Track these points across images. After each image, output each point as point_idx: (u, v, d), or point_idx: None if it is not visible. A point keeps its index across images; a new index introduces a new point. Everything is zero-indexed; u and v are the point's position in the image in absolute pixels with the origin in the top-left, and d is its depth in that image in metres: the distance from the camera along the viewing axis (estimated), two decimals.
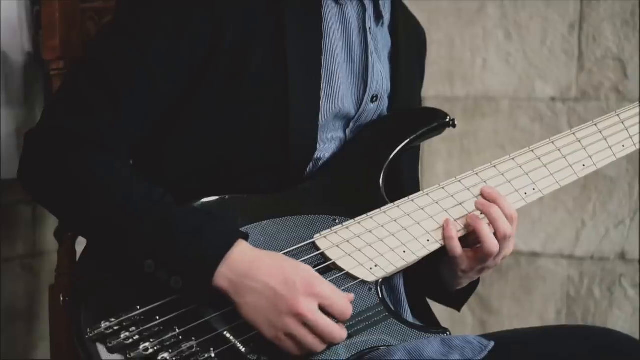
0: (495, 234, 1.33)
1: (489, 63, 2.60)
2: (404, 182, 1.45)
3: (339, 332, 1.22)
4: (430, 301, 1.57)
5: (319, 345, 1.22)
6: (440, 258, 1.41)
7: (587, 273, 2.53)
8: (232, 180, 1.33)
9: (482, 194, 1.36)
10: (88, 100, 1.27)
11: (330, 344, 1.22)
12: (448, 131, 2.63)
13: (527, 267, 2.59)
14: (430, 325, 1.47)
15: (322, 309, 1.21)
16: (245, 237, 1.24)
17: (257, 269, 1.20)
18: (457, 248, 1.34)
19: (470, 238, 1.35)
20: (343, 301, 1.22)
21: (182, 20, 1.28)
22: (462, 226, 1.36)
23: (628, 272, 2.48)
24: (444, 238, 1.33)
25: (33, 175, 1.29)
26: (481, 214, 1.35)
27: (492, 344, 1.23)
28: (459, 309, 1.52)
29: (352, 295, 1.25)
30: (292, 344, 1.21)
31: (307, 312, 1.19)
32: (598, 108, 2.48)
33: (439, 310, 1.61)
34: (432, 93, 2.68)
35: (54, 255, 1.62)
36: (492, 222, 1.33)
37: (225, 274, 1.19)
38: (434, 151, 2.68)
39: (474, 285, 1.48)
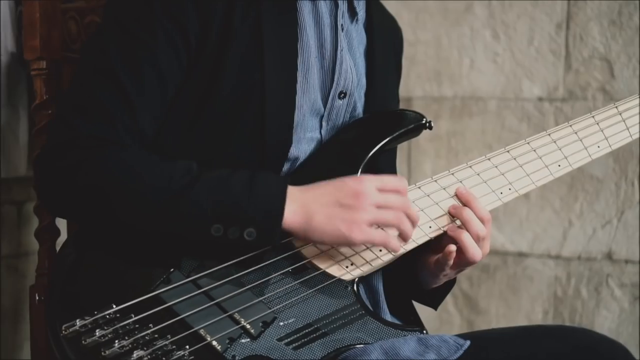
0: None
1: (476, 63, 2.61)
2: None
3: (406, 198, 1.29)
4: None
5: (402, 218, 1.27)
6: (418, 257, 1.42)
7: (574, 273, 2.53)
8: None
9: (456, 195, 1.36)
10: (106, 106, 1.28)
11: (409, 216, 1.28)
12: (436, 131, 2.68)
13: (515, 267, 2.59)
14: (413, 324, 1.47)
15: (381, 190, 1.28)
16: None
17: (310, 192, 1.27)
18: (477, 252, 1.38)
19: (445, 242, 1.36)
20: (392, 177, 1.31)
21: (177, 16, 1.29)
22: (438, 226, 1.37)
23: (615, 272, 2.48)
24: (448, 252, 1.35)
25: (68, 189, 1.27)
26: (454, 217, 1.35)
27: (468, 343, 1.23)
28: (435, 307, 1.52)
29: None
30: (382, 233, 1.26)
31: (370, 193, 1.25)
32: (585, 108, 2.49)
33: (426, 312, 1.61)
34: (420, 93, 2.68)
35: None
36: (464, 224, 1.34)
37: (291, 208, 1.24)
38: (422, 151, 2.69)
39: (451, 283, 1.48)
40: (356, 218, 1.24)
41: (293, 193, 1.26)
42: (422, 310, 1.60)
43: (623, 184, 2.47)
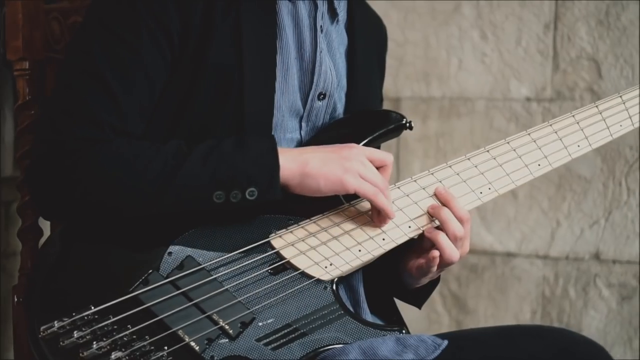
0: (446, 235, 1.33)
1: (464, 63, 2.61)
2: None
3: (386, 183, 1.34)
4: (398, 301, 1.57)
5: (381, 179, 1.32)
6: (400, 258, 1.42)
7: (562, 273, 2.53)
8: None
9: (435, 195, 1.37)
10: (92, 109, 1.28)
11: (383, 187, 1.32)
12: (424, 131, 2.68)
13: (503, 267, 2.59)
14: (394, 323, 1.47)
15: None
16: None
17: (301, 149, 1.31)
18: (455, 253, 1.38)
19: (426, 243, 1.36)
20: (379, 151, 1.36)
21: (160, 15, 1.29)
22: (417, 226, 1.37)
23: (603, 272, 2.49)
24: (431, 258, 1.35)
25: (67, 194, 1.27)
26: (432, 217, 1.36)
27: (446, 342, 1.24)
28: (419, 306, 1.52)
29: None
30: (369, 185, 1.30)
31: (359, 154, 1.31)
32: (573, 108, 2.46)
33: (414, 312, 1.61)
34: (408, 93, 2.68)
35: None
36: (442, 225, 1.34)
37: (286, 158, 1.27)
38: (411, 151, 2.69)
39: (434, 283, 1.48)
40: (350, 166, 1.28)
41: (284, 148, 1.30)
42: (412, 311, 1.60)
43: (611, 184, 2.47)
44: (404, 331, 1.33)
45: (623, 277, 2.46)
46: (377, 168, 1.33)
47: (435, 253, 1.33)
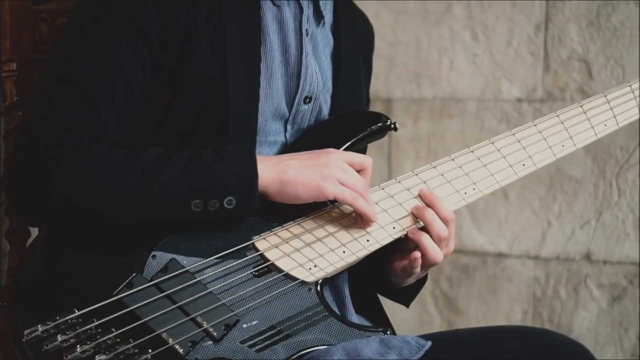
0: (430, 236, 1.33)
1: (455, 64, 2.61)
2: None
3: (367, 186, 1.34)
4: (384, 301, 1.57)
5: (362, 183, 1.32)
6: (386, 258, 1.42)
7: (553, 273, 2.54)
8: None
9: (420, 196, 1.37)
10: (71, 116, 1.28)
11: (363, 192, 1.32)
12: (416, 132, 2.69)
13: (494, 268, 2.60)
14: (380, 324, 1.48)
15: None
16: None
17: (279, 157, 1.32)
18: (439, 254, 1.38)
19: (411, 243, 1.37)
20: (358, 154, 1.36)
21: (140, 20, 1.29)
22: (402, 227, 1.37)
23: (593, 272, 2.49)
24: (413, 259, 1.36)
25: (43, 201, 1.27)
26: (417, 219, 1.36)
27: (429, 343, 1.24)
28: (407, 305, 1.53)
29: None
30: (349, 190, 1.30)
31: (338, 160, 1.31)
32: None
33: (406, 312, 1.62)
34: (400, 94, 2.69)
35: None
36: (426, 226, 1.34)
37: (264, 166, 1.27)
38: (402, 152, 2.69)
39: (422, 281, 1.49)
40: (328, 172, 1.29)
41: (262, 156, 1.30)
42: (403, 312, 1.60)
43: (601, 185, 2.47)
44: (388, 332, 1.33)
45: (614, 278, 2.47)
46: (357, 171, 1.33)
47: (417, 254, 1.33)
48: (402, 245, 1.40)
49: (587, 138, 1.49)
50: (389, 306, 2.81)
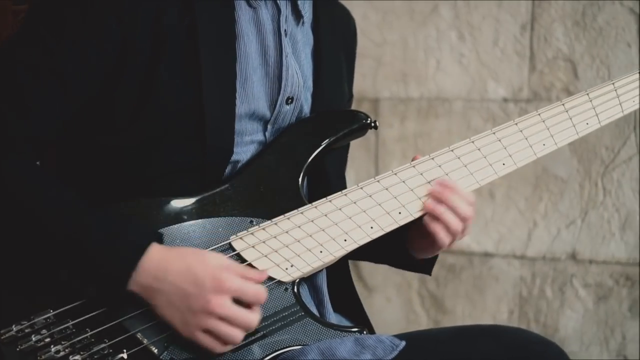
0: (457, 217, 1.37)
1: (442, 64, 2.61)
2: (330, 182, 1.46)
3: (256, 317, 1.24)
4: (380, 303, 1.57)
5: (237, 334, 1.23)
6: (404, 238, 1.44)
7: (539, 273, 2.54)
8: (152, 182, 1.33)
9: (438, 184, 1.38)
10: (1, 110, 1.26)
11: (248, 330, 1.24)
12: (403, 132, 2.69)
13: (480, 267, 2.60)
14: (361, 323, 1.47)
15: (236, 300, 1.23)
16: (159, 239, 1.25)
17: (167, 271, 1.22)
18: (445, 238, 1.39)
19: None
20: (254, 288, 1.24)
21: (91, 25, 1.28)
22: (380, 226, 1.37)
23: (579, 272, 2.49)
24: (432, 232, 1.37)
25: None
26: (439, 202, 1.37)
27: (403, 343, 1.24)
28: (430, 273, 1.53)
29: (265, 273, 1.27)
30: (210, 339, 1.22)
31: (220, 308, 1.21)
32: None
33: (393, 312, 1.63)
34: (387, 94, 2.69)
35: None
36: (452, 209, 1.37)
37: (137, 280, 1.21)
38: (389, 151, 2.69)
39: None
40: (193, 322, 1.21)
41: (150, 263, 1.21)
42: (390, 312, 1.60)
43: (587, 185, 2.47)
44: (365, 332, 1.33)
45: (599, 277, 2.47)
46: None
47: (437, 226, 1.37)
48: (418, 225, 1.40)
49: (568, 137, 1.48)
50: (376, 306, 2.81)
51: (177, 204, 1.31)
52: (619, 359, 2.44)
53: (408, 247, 1.46)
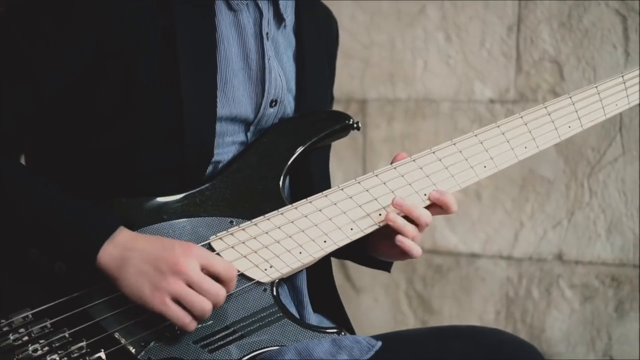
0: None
1: (429, 65, 2.62)
2: (314, 182, 1.46)
3: (223, 291, 1.24)
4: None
5: (206, 305, 1.22)
6: (373, 245, 1.45)
7: (526, 274, 2.54)
8: (133, 182, 1.33)
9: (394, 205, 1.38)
10: None
11: (216, 304, 1.24)
12: (390, 132, 2.69)
13: (467, 268, 2.60)
14: (342, 324, 1.48)
15: (204, 270, 1.23)
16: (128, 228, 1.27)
17: (138, 240, 1.23)
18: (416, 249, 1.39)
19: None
20: (223, 260, 1.25)
21: (65, 27, 1.28)
22: (360, 228, 1.37)
23: (565, 272, 2.50)
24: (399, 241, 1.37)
25: None
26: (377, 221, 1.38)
27: (380, 344, 1.24)
28: (389, 270, 1.55)
29: (233, 270, 1.27)
30: (180, 310, 1.22)
31: (189, 269, 1.21)
32: None
33: (380, 312, 1.63)
34: (374, 95, 2.69)
35: None
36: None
37: (108, 250, 1.21)
38: (376, 152, 2.69)
39: None
40: (163, 286, 1.21)
41: (120, 237, 1.23)
42: (377, 312, 1.61)
43: (573, 185, 2.48)
44: (343, 333, 1.33)
45: (585, 278, 2.48)
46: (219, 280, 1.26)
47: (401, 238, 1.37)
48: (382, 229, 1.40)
49: (550, 140, 1.48)
50: (363, 307, 2.82)
51: (158, 203, 1.31)
52: (605, 359, 2.45)
53: (371, 252, 1.47)
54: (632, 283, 2.42)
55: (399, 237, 1.36)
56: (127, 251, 1.22)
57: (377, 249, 1.46)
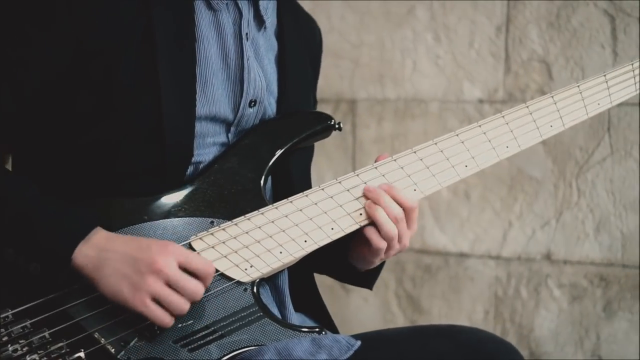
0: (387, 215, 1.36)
1: (418, 65, 2.62)
2: (295, 182, 1.46)
3: (201, 288, 1.25)
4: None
5: (184, 305, 1.24)
6: (348, 245, 1.44)
7: (514, 273, 2.55)
8: (114, 183, 1.33)
9: (366, 193, 1.38)
10: None
11: (194, 301, 1.25)
12: (380, 133, 2.69)
13: (456, 268, 2.61)
14: (325, 323, 1.48)
15: (182, 267, 1.24)
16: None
17: (113, 241, 1.24)
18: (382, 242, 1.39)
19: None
20: (200, 257, 1.26)
21: (45, 27, 1.28)
22: (340, 227, 1.37)
23: (554, 272, 2.51)
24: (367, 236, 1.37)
25: None
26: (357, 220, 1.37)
27: (359, 343, 1.25)
28: (371, 288, 1.55)
29: (211, 266, 1.27)
30: (158, 309, 1.23)
31: (167, 268, 1.22)
32: None
33: (370, 312, 1.63)
34: (364, 95, 2.70)
35: None
36: (385, 209, 1.37)
37: (83, 252, 1.22)
38: (366, 152, 2.70)
39: (381, 265, 1.51)
40: (142, 286, 1.22)
41: (95, 238, 1.23)
42: (366, 311, 1.61)
43: (561, 185, 2.49)
44: (323, 332, 1.33)
45: (574, 278, 2.48)
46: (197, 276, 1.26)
47: (371, 230, 1.36)
48: (360, 233, 1.41)
49: (532, 139, 1.48)
50: (353, 307, 2.82)
51: (139, 203, 1.32)
52: (594, 359, 2.46)
53: (350, 258, 1.48)
54: (620, 283, 2.43)
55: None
56: (103, 252, 1.22)
57: (357, 252, 1.45)
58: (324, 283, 1.54)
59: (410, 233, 1.41)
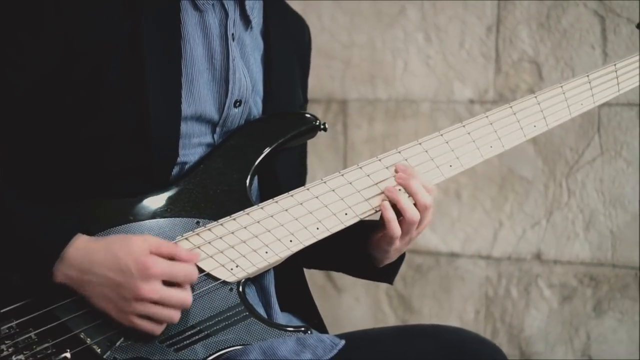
0: (415, 205, 1.37)
1: (409, 66, 2.63)
2: (280, 183, 1.47)
3: (189, 295, 1.26)
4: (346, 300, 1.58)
5: (174, 314, 1.25)
6: (366, 239, 1.45)
7: (505, 273, 2.56)
8: (101, 183, 1.34)
9: (397, 170, 1.39)
10: None
11: (184, 309, 1.26)
12: (371, 133, 2.70)
13: (447, 267, 2.61)
14: (314, 321, 1.49)
15: (167, 282, 1.24)
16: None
17: (92, 263, 1.23)
18: (397, 229, 1.39)
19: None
20: (183, 269, 1.26)
21: (33, 28, 1.29)
22: (326, 227, 1.38)
23: (544, 272, 2.51)
24: (385, 220, 1.37)
25: None
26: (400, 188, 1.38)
27: (343, 342, 1.25)
28: (391, 282, 1.56)
29: (196, 254, 1.28)
30: (149, 323, 1.24)
31: (151, 294, 1.22)
32: None
33: (361, 312, 1.63)
34: (355, 95, 2.70)
35: None
36: (413, 195, 1.37)
37: (63, 271, 1.22)
38: (357, 152, 2.71)
39: (402, 258, 1.51)
40: (128, 309, 1.23)
41: (72, 257, 1.22)
42: (358, 311, 1.61)
43: (552, 185, 2.50)
44: (309, 331, 1.34)
45: (564, 278, 2.49)
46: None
47: (391, 214, 1.37)
48: (379, 223, 1.42)
49: (515, 139, 1.49)
50: (344, 306, 2.82)
51: (125, 204, 1.32)
52: (584, 358, 2.47)
53: (369, 250, 1.48)
54: (610, 282, 2.44)
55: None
56: (84, 274, 1.22)
57: (376, 242, 1.45)
58: (315, 283, 1.55)
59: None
